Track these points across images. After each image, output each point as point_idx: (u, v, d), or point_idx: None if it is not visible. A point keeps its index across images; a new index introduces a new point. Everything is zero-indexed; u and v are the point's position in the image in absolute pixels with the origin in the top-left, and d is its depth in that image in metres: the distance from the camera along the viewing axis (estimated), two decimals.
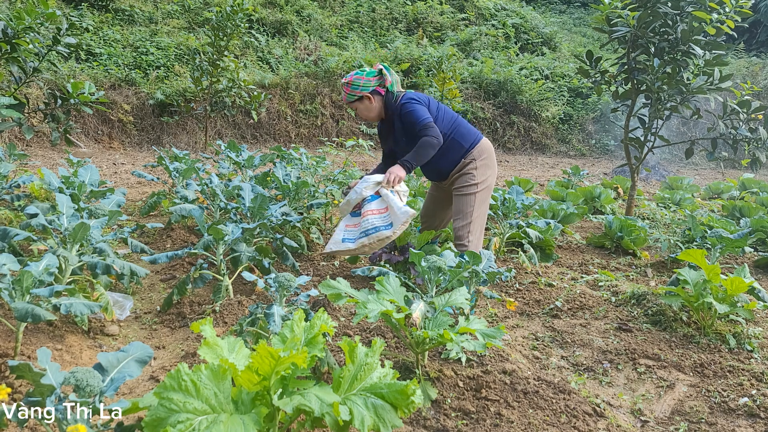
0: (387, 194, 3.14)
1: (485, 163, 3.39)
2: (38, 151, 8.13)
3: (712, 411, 2.23)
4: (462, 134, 3.39)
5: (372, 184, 3.17)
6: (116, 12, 11.07)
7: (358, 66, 11.59)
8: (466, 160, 3.36)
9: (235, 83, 7.86)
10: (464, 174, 3.37)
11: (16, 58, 4.51)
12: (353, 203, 3.22)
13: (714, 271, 2.77)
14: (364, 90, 3.27)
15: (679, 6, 4.64)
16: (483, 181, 3.37)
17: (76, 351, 2.42)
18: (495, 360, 2.42)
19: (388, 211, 3.12)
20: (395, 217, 3.05)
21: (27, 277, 2.16)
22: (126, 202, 4.92)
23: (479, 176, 3.35)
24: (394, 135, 3.40)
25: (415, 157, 3.17)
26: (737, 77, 13.32)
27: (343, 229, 3.19)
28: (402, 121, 3.28)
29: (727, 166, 12.06)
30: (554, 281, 3.62)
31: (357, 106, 3.36)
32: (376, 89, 3.31)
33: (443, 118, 3.38)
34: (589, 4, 18.74)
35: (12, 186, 3.76)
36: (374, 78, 3.29)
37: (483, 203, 3.38)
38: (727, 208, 5.98)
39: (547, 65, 14.07)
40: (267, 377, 1.47)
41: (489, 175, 3.41)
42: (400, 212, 3.04)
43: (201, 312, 2.89)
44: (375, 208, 3.14)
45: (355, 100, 3.31)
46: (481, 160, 3.38)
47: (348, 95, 3.31)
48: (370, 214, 3.12)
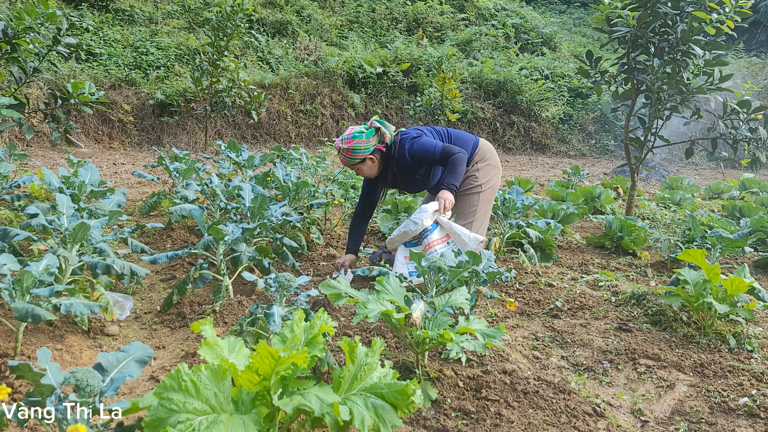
0: (448, 222, 3.13)
1: (488, 164, 3.46)
2: (38, 151, 8.13)
3: (712, 411, 2.23)
4: (461, 144, 3.45)
5: (431, 213, 3.10)
6: (116, 12, 11.07)
7: (358, 66, 11.59)
8: (468, 166, 3.39)
9: (235, 83, 7.86)
10: (467, 177, 3.41)
11: (17, 58, 4.51)
12: (412, 234, 3.13)
13: (714, 271, 2.77)
14: (366, 152, 3.28)
15: (679, 6, 4.64)
16: (486, 181, 3.42)
17: (76, 351, 2.42)
18: (495, 360, 2.42)
19: (449, 238, 3.10)
20: (463, 245, 3.03)
21: (27, 277, 2.16)
22: (126, 202, 4.92)
23: (482, 177, 3.42)
24: (390, 177, 3.42)
25: (455, 177, 3.21)
26: (737, 77, 13.29)
27: (404, 262, 3.13)
28: (412, 158, 3.31)
29: (727, 166, 12.06)
30: (554, 281, 3.62)
31: (359, 168, 3.36)
32: (376, 147, 3.32)
33: (441, 135, 3.46)
34: (589, 4, 18.75)
35: (12, 186, 3.77)
36: (373, 138, 3.30)
37: (487, 203, 3.42)
38: (727, 208, 5.98)
39: (547, 65, 14.07)
40: (267, 377, 1.47)
41: (492, 176, 3.47)
42: (469, 239, 3.03)
43: (201, 312, 2.89)
44: (437, 237, 3.12)
45: (358, 163, 3.32)
46: (482, 162, 3.45)
47: (349, 159, 3.30)
48: (436, 244, 3.09)
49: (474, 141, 3.49)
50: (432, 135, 3.46)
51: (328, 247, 4.12)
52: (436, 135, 3.48)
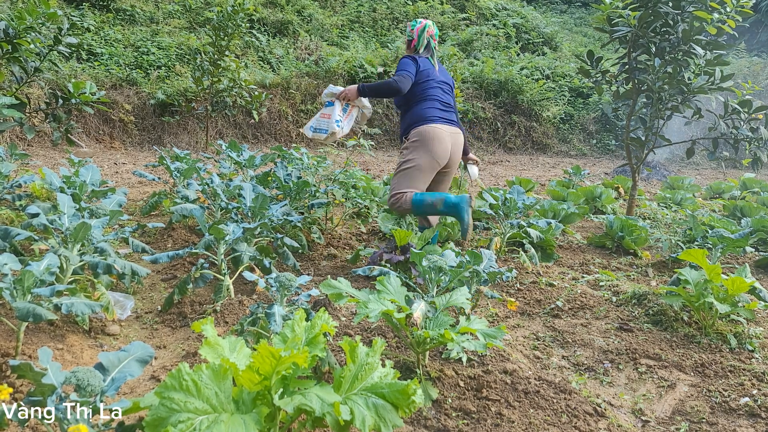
0: (335, 106, 3.77)
1: (417, 146, 3.64)
2: (39, 150, 8.14)
3: (713, 411, 2.23)
4: (413, 114, 3.72)
5: (330, 93, 3.82)
6: (117, 12, 11.08)
7: (359, 66, 11.60)
8: (405, 138, 3.75)
9: (236, 83, 7.87)
10: (402, 150, 3.78)
11: (18, 58, 4.52)
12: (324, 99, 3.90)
13: (715, 271, 2.77)
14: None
15: (680, 6, 4.63)
16: (410, 160, 3.64)
17: (77, 350, 2.42)
18: (496, 360, 2.42)
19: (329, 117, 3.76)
20: (329, 126, 3.73)
21: (28, 276, 2.16)
22: (127, 201, 4.92)
23: (407, 155, 3.66)
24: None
25: (371, 88, 3.70)
26: (738, 77, 13.30)
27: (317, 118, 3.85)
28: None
29: (728, 165, 12.05)
30: (555, 281, 3.62)
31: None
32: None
33: (421, 89, 3.72)
34: (590, 4, 18.73)
35: (13, 186, 3.77)
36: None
37: (406, 178, 3.63)
38: (728, 208, 5.98)
39: (548, 65, 14.06)
40: (268, 377, 1.47)
41: (417, 157, 3.62)
42: (329, 125, 3.72)
43: (202, 312, 2.89)
44: (327, 112, 3.78)
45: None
46: (412, 142, 3.66)
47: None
48: (322, 117, 3.79)
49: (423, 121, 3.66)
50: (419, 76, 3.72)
51: (329, 247, 4.12)
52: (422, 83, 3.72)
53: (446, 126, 3.68)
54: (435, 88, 3.73)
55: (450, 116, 3.76)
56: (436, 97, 3.71)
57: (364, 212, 5.06)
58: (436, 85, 3.74)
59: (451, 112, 3.79)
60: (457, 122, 3.82)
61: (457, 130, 3.77)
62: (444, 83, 3.82)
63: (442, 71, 3.88)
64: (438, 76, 3.78)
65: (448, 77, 3.91)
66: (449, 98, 3.82)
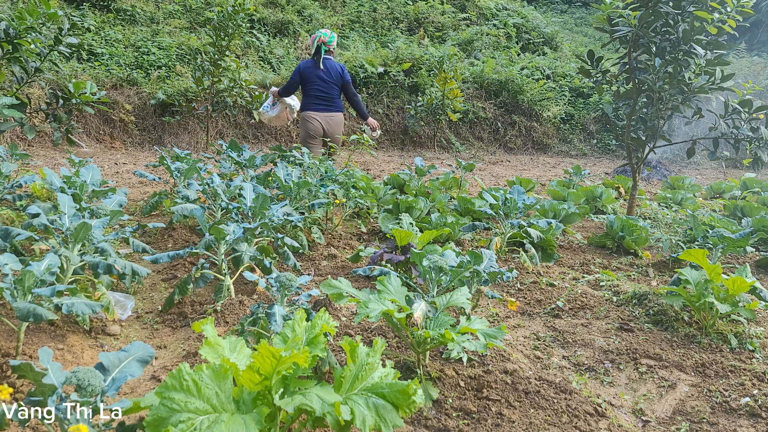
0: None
1: (301, 125, 5.78)
2: (40, 151, 8.14)
3: (714, 411, 2.23)
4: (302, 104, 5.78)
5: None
6: (118, 12, 11.08)
7: (359, 66, 11.61)
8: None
9: (237, 83, 7.87)
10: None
11: (18, 58, 4.52)
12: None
13: (715, 271, 2.77)
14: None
15: (680, 5, 4.63)
16: (300, 132, 5.84)
17: (77, 351, 2.42)
18: (496, 360, 2.42)
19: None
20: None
21: (29, 276, 2.16)
22: (128, 201, 4.91)
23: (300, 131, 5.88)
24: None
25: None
26: (739, 77, 13.27)
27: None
28: None
29: (728, 165, 12.04)
30: (555, 281, 3.62)
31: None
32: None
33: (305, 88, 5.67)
34: (591, 4, 18.72)
35: (14, 186, 3.77)
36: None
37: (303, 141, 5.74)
38: (729, 208, 5.97)
39: (549, 65, 14.05)
40: (268, 377, 1.47)
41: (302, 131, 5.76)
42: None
43: (202, 312, 2.89)
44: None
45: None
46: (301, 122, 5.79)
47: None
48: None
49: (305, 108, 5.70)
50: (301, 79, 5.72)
51: (330, 247, 4.12)
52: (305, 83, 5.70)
53: (318, 113, 5.59)
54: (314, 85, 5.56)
55: (325, 104, 5.59)
56: (313, 93, 5.57)
57: (365, 212, 5.07)
58: (316, 83, 5.55)
59: (326, 100, 5.59)
60: (334, 107, 5.63)
61: (331, 114, 5.63)
62: (322, 81, 5.54)
63: (329, 68, 5.58)
64: (321, 75, 5.54)
65: (331, 73, 5.57)
66: (328, 90, 5.56)
